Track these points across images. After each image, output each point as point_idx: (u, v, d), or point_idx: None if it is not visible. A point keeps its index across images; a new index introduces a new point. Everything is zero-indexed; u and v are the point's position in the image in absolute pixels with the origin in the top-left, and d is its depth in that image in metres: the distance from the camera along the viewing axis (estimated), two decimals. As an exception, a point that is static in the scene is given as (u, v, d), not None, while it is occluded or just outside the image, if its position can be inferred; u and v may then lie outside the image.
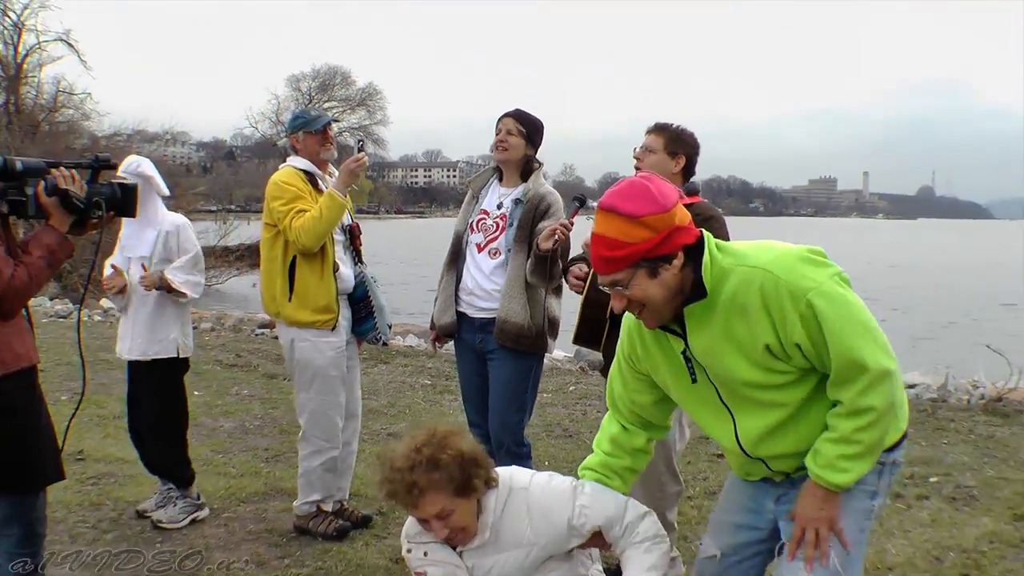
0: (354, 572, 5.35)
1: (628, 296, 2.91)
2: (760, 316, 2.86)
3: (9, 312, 3.58)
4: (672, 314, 2.99)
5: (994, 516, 6.36)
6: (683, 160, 4.83)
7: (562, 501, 3.38)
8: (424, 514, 3.28)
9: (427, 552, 3.47)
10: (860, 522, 3.12)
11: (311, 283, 5.59)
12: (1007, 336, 17.33)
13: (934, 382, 10.56)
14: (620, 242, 2.84)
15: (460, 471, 3.27)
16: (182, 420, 6.17)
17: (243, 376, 11.04)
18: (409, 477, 3.23)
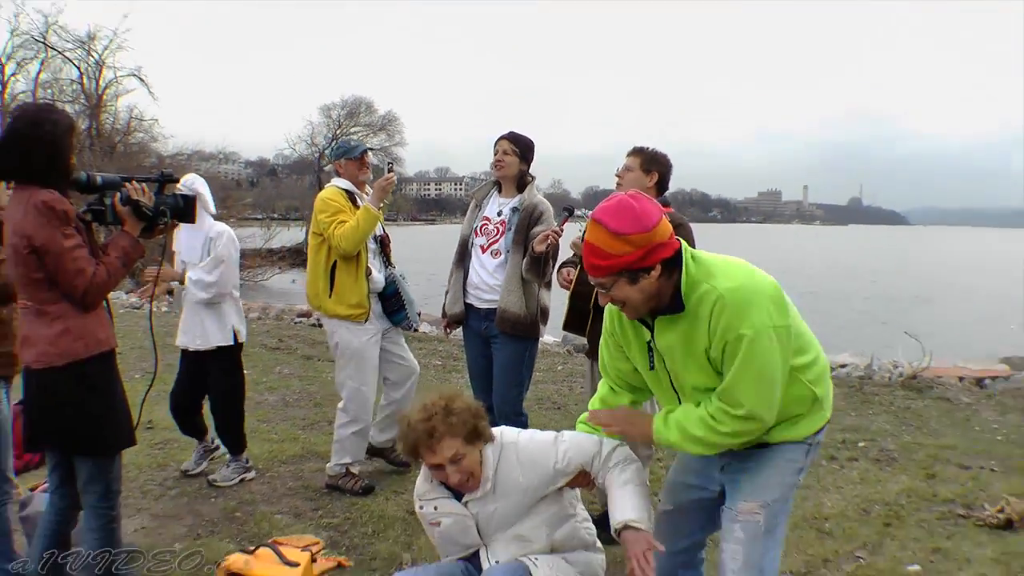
0: (376, 523, 5.36)
1: (612, 297, 2.94)
2: (704, 326, 2.89)
3: (92, 304, 3.59)
4: (648, 311, 3.00)
5: (910, 475, 6.37)
6: (656, 176, 4.94)
7: (546, 450, 3.40)
8: (440, 459, 3.26)
9: (437, 507, 3.48)
10: (785, 492, 3.18)
11: (347, 283, 5.78)
12: (922, 324, 17.35)
13: (861, 362, 10.58)
14: (605, 253, 2.83)
15: (471, 420, 3.31)
16: (241, 397, 6.23)
17: (284, 357, 11.02)
18: (428, 425, 3.24)
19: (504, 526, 3.44)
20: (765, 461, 3.14)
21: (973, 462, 6.69)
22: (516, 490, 3.38)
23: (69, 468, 3.77)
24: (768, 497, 3.12)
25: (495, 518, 3.43)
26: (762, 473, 3.13)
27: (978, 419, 8.15)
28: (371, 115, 57.45)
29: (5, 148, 3.51)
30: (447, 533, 3.51)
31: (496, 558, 3.45)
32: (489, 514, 3.43)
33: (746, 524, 3.10)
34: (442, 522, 3.48)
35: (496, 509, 3.41)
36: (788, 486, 3.17)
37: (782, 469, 3.14)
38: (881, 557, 4.91)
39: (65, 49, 42.10)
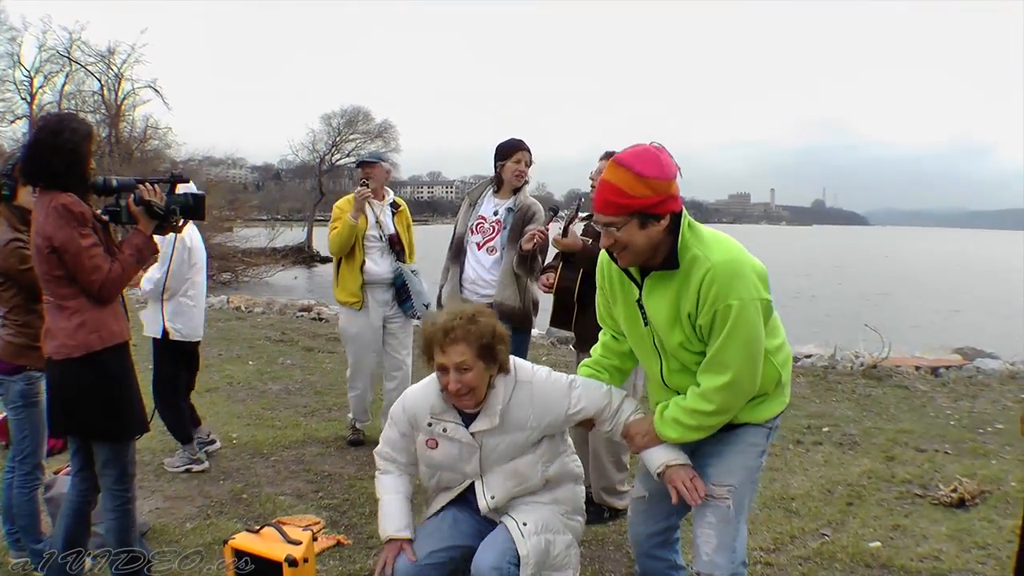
0: (374, 504, 5.26)
1: (616, 238, 2.86)
2: (693, 293, 2.86)
3: (108, 298, 3.59)
4: (643, 262, 2.96)
5: (871, 457, 6.39)
6: None
7: (560, 394, 3.30)
8: (448, 360, 3.13)
9: (447, 429, 3.30)
10: (750, 475, 3.17)
11: (346, 276, 6.40)
12: (881, 317, 17.43)
13: (825, 353, 10.61)
14: (625, 192, 2.79)
15: (491, 337, 3.16)
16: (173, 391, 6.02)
17: (287, 349, 10.98)
18: (448, 325, 3.14)
19: (504, 460, 3.33)
20: (730, 446, 3.14)
21: (929, 445, 6.72)
22: (524, 428, 3.28)
23: (89, 453, 3.77)
24: (734, 481, 3.11)
25: (497, 451, 3.31)
26: (727, 458, 3.13)
27: (933, 406, 8.19)
28: (368, 123, 57.32)
29: (30, 156, 3.53)
30: (447, 458, 3.36)
31: (492, 493, 3.33)
32: (492, 447, 3.30)
33: (716, 509, 3.10)
34: (440, 444, 3.34)
35: (500, 444, 3.29)
36: (752, 469, 3.16)
37: (746, 453, 3.14)
38: (844, 534, 4.92)
39: (88, 63, 42.29)
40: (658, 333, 3.05)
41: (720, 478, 3.12)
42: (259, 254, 34.15)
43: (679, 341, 2.99)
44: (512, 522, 3.30)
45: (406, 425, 3.43)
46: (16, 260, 3.98)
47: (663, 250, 2.91)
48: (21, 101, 42.15)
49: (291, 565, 3.67)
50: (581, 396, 3.31)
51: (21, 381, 4.11)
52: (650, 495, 3.37)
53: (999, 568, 4.49)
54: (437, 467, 3.41)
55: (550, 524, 3.35)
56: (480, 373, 3.17)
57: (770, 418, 3.16)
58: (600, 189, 2.88)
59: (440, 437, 3.34)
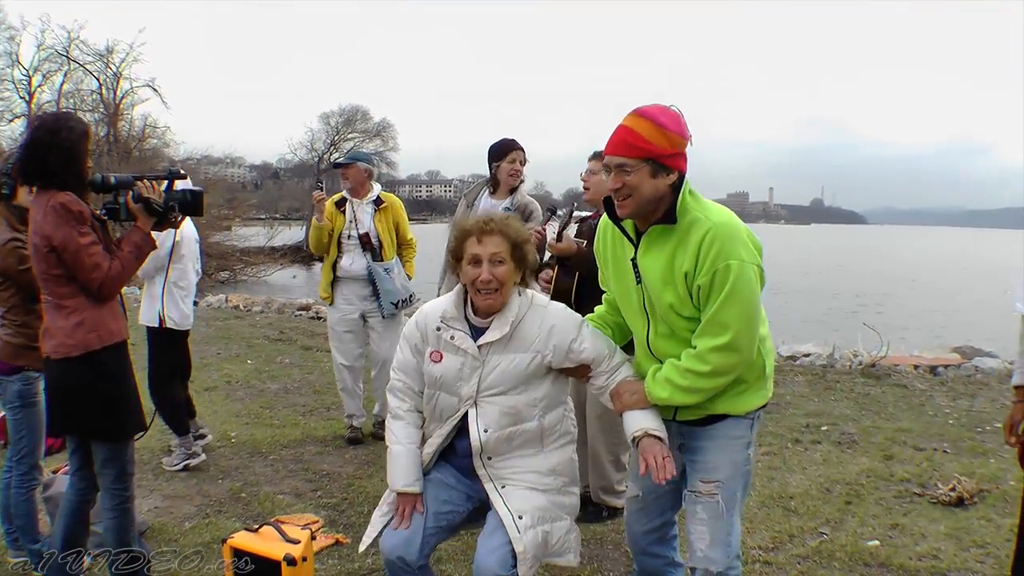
0: (372, 503, 5.32)
1: (625, 181, 2.89)
2: (692, 252, 2.88)
3: (108, 296, 3.59)
4: (642, 214, 2.98)
5: (870, 456, 6.39)
6: None
7: (570, 326, 3.27)
8: (484, 250, 3.15)
9: (455, 336, 3.27)
10: (737, 468, 3.17)
11: (324, 271, 6.76)
12: (880, 316, 17.43)
13: (824, 351, 10.60)
14: (643, 138, 2.85)
15: (524, 240, 3.22)
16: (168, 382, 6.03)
17: (285, 348, 10.99)
18: (487, 219, 3.20)
19: (502, 385, 3.25)
20: (713, 441, 3.15)
21: (927, 444, 6.72)
22: (529, 349, 3.23)
23: (87, 452, 3.76)
24: (721, 476, 3.13)
25: (497, 371, 3.24)
26: (712, 453, 3.15)
27: (932, 404, 8.19)
28: (367, 122, 57.33)
29: (27, 155, 3.53)
30: (447, 373, 3.30)
31: (485, 425, 3.26)
32: (494, 365, 3.24)
33: (707, 505, 3.13)
34: (444, 357, 3.30)
35: (501, 363, 3.24)
36: (739, 463, 3.16)
37: (730, 447, 3.15)
38: (843, 533, 4.92)
39: (86, 62, 42.20)
40: (650, 293, 3.05)
41: (707, 474, 3.14)
42: (257, 253, 34.17)
43: (670, 302, 2.99)
44: (508, 516, 3.23)
45: (417, 337, 3.40)
46: (14, 260, 3.98)
47: (666, 204, 2.94)
48: (20, 100, 42.13)
49: (290, 564, 3.68)
50: (588, 337, 3.28)
51: (19, 381, 4.10)
52: (644, 493, 3.39)
53: (998, 567, 4.49)
54: (437, 386, 3.35)
55: (547, 513, 3.30)
56: (510, 271, 3.20)
57: (751, 410, 3.16)
58: (617, 133, 2.92)
59: (446, 346, 3.31)
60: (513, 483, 3.32)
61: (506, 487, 3.31)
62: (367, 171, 6.65)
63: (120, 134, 40.92)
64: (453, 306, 3.31)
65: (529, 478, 3.33)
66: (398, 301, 6.56)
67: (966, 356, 10.44)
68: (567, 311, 3.36)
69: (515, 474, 3.33)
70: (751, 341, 2.95)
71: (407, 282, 6.68)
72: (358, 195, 6.60)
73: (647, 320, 3.14)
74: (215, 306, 15.80)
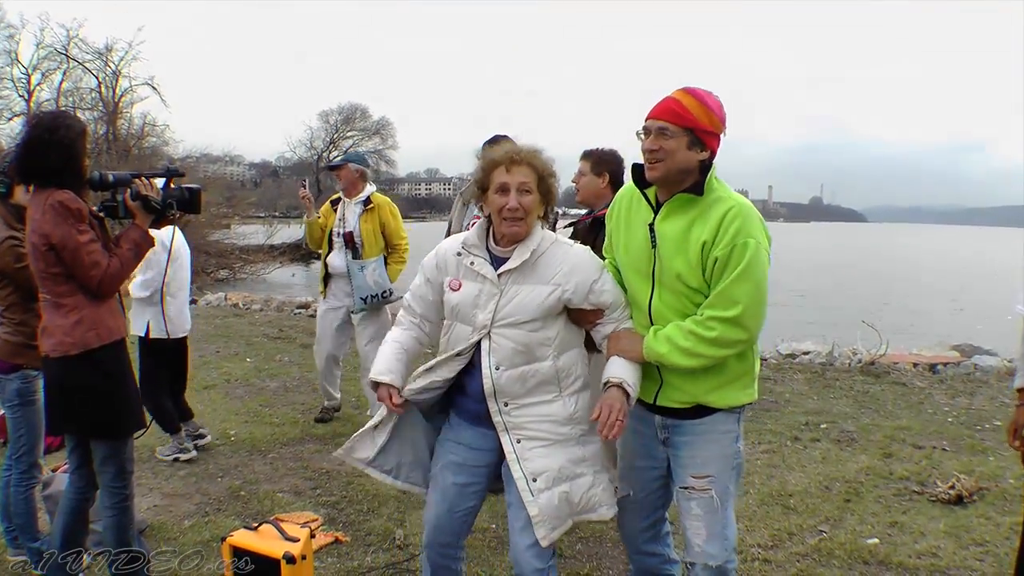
0: (371, 501, 5.35)
1: (662, 144, 2.99)
2: (714, 224, 2.96)
3: (107, 294, 3.60)
4: (669, 180, 3.06)
5: (869, 454, 6.40)
6: (607, 175, 4.84)
7: (592, 267, 3.24)
8: (512, 179, 3.16)
9: (474, 262, 3.26)
10: (728, 462, 3.21)
11: (321, 268, 7.12)
12: (879, 314, 17.42)
13: (823, 349, 10.61)
14: (688, 110, 2.99)
15: (551, 173, 3.23)
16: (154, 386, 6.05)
17: (284, 346, 10.98)
18: (516, 149, 3.21)
19: (516, 317, 3.18)
20: (702, 436, 3.19)
21: (926, 442, 6.72)
22: (549, 283, 3.19)
23: (86, 450, 3.77)
24: (713, 470, 3.16)
25: (514, 303, 3.19)
26: (703, 447, 3.18)
27: (931, 402, 8.19)
28: (366, 120, 57.47)
29: (26, 153, 3.53)
30: (465, 301, 3.26)
31: (497, 362, 3.19)
32: (512, 296, 3.19)
33: (701, 500, 3.16)
34: (463, 285, 3.28)
35: (519, 292, 3.19)
36: (729, 456, 3.20)
37: (720, 442, 3.19)
38: (842, 531, 4.93)
39: (85, 60, 42.16)
40: (662, 258, 3.10)
41: (698, 469, 3.17)
42: (257, 251, 34.11)
43: (679, 271, 3.04)
44: (522, 479, 3.18)
45: (433, 270, 3.41)
46: (12, 258, 3.98)
47: (692, 178, 3.05)
48: (19, 98, 42.13)
49: (289, 562, 3.67)
50: (610, 281, 3.26)
51: (18, 379, 4.10)
52: (634, 492, 3.40)
53: (997, 565, 4.50)
54: (453, 316, 3.32)
55: (563, 472, 3.22)
56: (536, 202, 3.20)
57: (736, 406, 3.20)
58: (665, 102, 3.04)
59: (466, 273, 3.29)
60: (529, 436, 3.23)
61: (521, 441, 3.23)
62: (358, 171, 6.83)
63: (119, 132, 40.89)
64: (475, 235, 3.33)
65: (545, 428, 3.24)
66: (367, 297, 6.72)
67: (965, 354, 10.44)
68: (591, 253, 3.31)
69: (531, 423, 3.23)
70: (758, 321, 3.01)
71: (382, 279, 6.76)
72: (350, 195, 6.86)
73: (652, 286, 3.17)
74: (214, 304, 15.79)
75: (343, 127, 56.72)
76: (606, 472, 3.32)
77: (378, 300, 6.78)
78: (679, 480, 3.24)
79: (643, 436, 3.34)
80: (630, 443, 3.41)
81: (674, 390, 3.18)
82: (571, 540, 4.74)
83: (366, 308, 6.79)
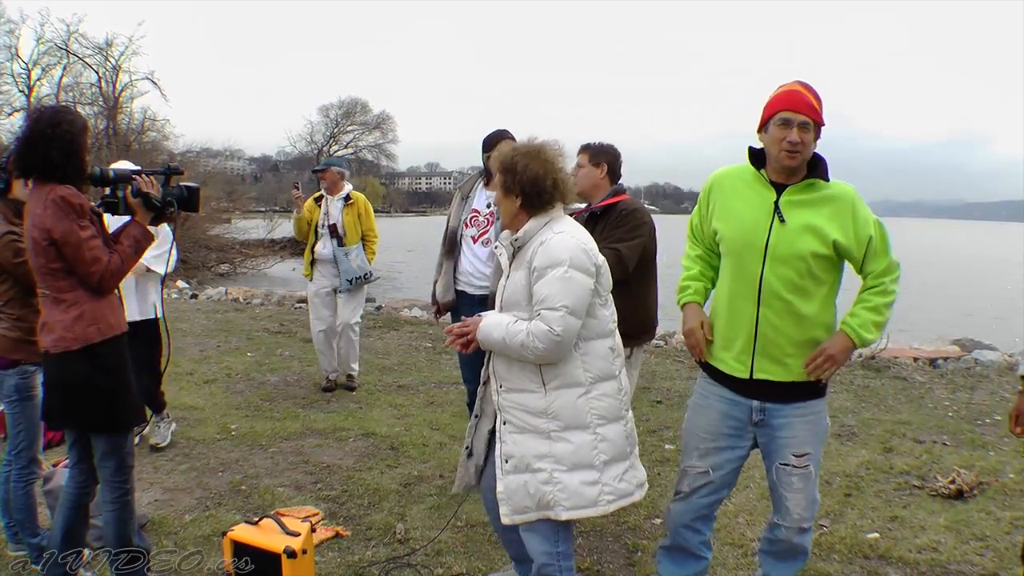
0: (372, 495, 5.35)
1: (803, 138, 3.27)
2: (846, 206, 3.34)
3: (107, 289, 3.60)
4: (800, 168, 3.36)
5: (869, 448, 6.39)
6: (605, 167, 4.87)
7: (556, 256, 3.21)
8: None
9: (502, 253, 3.47)
10: (821, 438, 3.56)
11: (306, 255, 8.28)
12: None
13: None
14: (815, 106, 3.32)
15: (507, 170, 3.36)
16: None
17: (285, 341, 10.96)
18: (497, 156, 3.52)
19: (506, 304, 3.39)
20: (804, 417, 3.48)
21: (927, 437, 6.72)
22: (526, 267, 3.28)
23: (86, 445, 3.76)
24: (810, 447, 3.49)
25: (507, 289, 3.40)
26: (802, 428, 3.47)
27: (931, 397, 8.20)
28: (366, 114, 57.51)
29: (27, 148, 3.52)
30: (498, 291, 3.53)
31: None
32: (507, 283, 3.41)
33: (802, 475, 3.48)
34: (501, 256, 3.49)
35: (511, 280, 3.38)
36: (821, 433, 3.54)
37: (817, 421, 3.51)
38: (843, 525, 4.93)
39: (85, 55, 42.27)
40: (785, 234, 3.33)
41: (798, 448, 3.47)
42: (257, 245, 34.09)
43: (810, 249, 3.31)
44: (499, 458, 3.42)
45: None
46: (10, 253, 3.97)
47: (802, 168, 3.37)
48: (19, 94, 42.26)
49: (290, 556, 3.67)
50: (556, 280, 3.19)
51: (16, 375, 4.09)
52: (710, 469, 3.61)
53: (997, 559, 4.49)
54: None
55: (523, 461, 3.33)
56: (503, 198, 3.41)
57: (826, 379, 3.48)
58: (801, 97, 3.32)
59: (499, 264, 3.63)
60: (507, 420, 3.42)
61: (506, 423, 3.43)
62: (340, 173, 8.20)
63: (119, 127, 40.91)
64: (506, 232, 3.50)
65: (519, 416, 3.37)
66: (353, 278, 8.03)
67: (966, 349, 10.44)
68: (570, 243, 3.26)
69: (511, 408, 3.40)
70: None
71: (364, 263, 8.09)
72: (332, 193, 8.14)
73: (764, 258, 3.37)
74: (215, 298, 15.77)
75: (343, 121, 56.82)
76: (576, 473, 3.31)
77: (361, 280, 8.09)
78: (779, 457, 3.51)
79: (735, 419, 3.54)
80: (717, 425, 3.58)
81: (771, 364, 3.43)
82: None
83: (351, 288, 8.06)
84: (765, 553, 3.76)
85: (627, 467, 3.42)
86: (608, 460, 3.34)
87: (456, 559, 4.45)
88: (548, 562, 3.41)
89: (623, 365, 3.49)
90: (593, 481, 3.31)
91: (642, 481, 3.52)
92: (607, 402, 3.35)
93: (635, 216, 4.71)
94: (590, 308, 3.28)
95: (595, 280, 3.28)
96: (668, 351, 10.71)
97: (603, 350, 3.36)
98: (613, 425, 3.37)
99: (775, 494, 3.59)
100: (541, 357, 3.21)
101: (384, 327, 12.07)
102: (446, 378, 8.65)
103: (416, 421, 7.12)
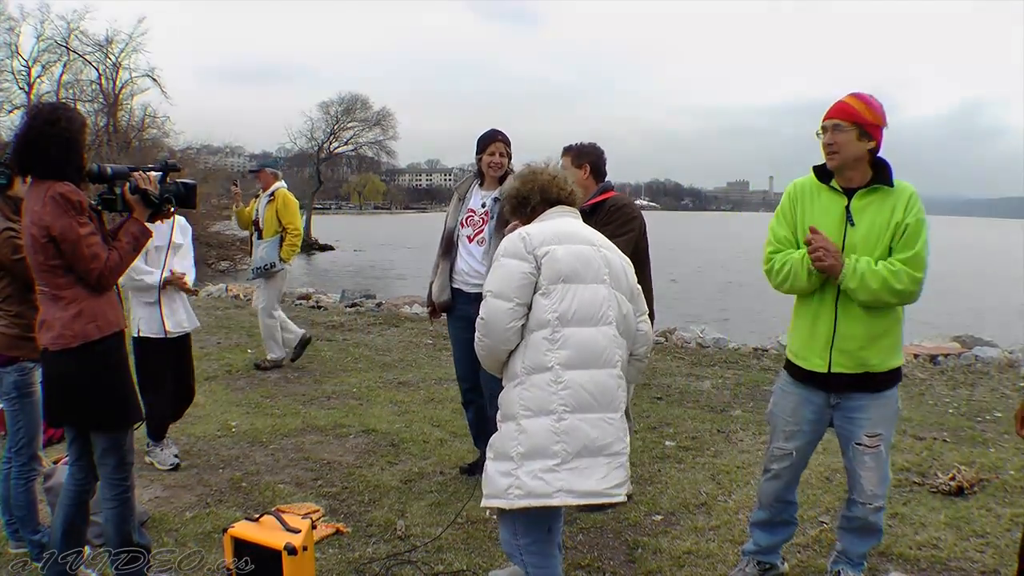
0: (372, 492, 5.35)
1: (835, 138, 3.63)
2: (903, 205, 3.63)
3: (106, 287, 3.59)
4: (846, 168, 3.68)
5: (870, 445, 6.38)
6: (588, 167, 5.03)
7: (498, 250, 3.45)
8: None
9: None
10: (892, 420, 3.91)
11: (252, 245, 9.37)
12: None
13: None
14: (855, 108, 3.62)
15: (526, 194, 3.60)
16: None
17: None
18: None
19: None
20: (877, 400, 3.81)
21: (927, 433, 6.72)
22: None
23: (86, 442, 3.76)
24: (882, 429, 3.82)
25: None
26: (876, 410, 3.80)
27: (932, 394, 8.20)
28: (366, 111, 57.30)
29: (26, 145, 3.51)
30: None
31: None
32: None
33: (874, 455, 3.81)
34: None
35: None
36: (892, 415, 3.89)
37: (889, 405, 3.85)
38: (842, 522, 4.92)
39: (85, 52, 42.31)
40: (859, 234, 3.66)
41: (871, 429, 3.80)
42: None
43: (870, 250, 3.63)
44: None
45: None
46: (9, 250, 3.97)
47: (863, 170, 3.69)
48: (19, 91, 42.25)
49: (290, 553, 3.67)
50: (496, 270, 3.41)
51: (15, 372, 4.09)
52: (794, 449, 4.01)
53: (997, 556, 4.49)
54: None
55: (493, 443, 3.40)
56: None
57: (895, 367, 3.85)
58: (837, 105, 3.67)
59: None
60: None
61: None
62: (273, 174, 9.22)
63: (120, 124, 40.95)
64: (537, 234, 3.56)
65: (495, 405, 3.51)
66: (255, 268, 9.05)
67: (966, 345, 10.43)
68: (512, 235, 3.43)
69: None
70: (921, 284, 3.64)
71: (268, 255, 8.91)
72: (264, 191, 9.14)
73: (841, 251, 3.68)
74: (215, 295, 15.78)
75: (343, 118, 56.53)
76: (497, 462, 3.32)
77: (262, 271, 8.97)
78: (854, 438, 3.85)
79: (814, 404, 3.92)
80: (800, 409, 3.96)
81: (847, 358, 3.75)
82: (572, 531, 4.74)
83: (256, 276, 9.14)
84: (843, 530, 4.11)
85: (551, 466, 3.18)
86: (524, 453, 3.22)
87: (457, 556, 4.44)
88: (511, 552, 3.48)
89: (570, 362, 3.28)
90: (507, 472, 3.25)
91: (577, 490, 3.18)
92: (534, 393, 3.26)
93: (624, 212, 4.87)
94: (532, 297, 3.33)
95: (533, 266, 3.29)
96: (668, 348, 10.71)
97: (538, 340, 3.30)
98: (539, 419, 3.24)
99: (851, 472, 3.94)
100: (480, 345, 3.42)
101: (384, 324, 12.07)
102: (446, 375, 8.63)
103: (417, 418, 7.13)
